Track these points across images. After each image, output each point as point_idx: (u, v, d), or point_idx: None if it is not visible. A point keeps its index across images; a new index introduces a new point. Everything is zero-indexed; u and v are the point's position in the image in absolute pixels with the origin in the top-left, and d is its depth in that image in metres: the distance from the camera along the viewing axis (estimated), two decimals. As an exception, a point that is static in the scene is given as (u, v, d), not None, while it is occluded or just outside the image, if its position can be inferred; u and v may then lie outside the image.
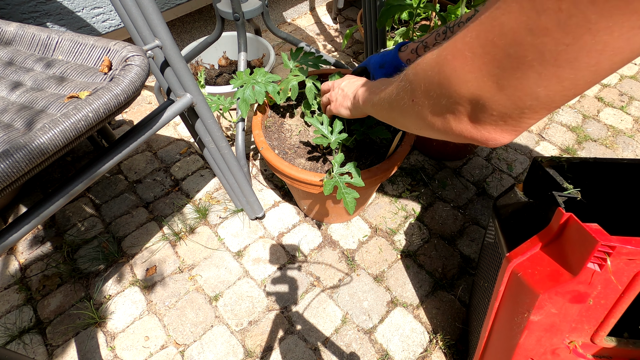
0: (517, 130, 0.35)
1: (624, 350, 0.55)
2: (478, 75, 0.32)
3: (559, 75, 0.28)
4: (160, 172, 1.30)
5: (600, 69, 0.27)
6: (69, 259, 1.08)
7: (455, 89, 0.35)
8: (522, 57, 0.29)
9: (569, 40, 0.25)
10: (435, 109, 0.40)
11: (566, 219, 0.48)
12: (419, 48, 0.81)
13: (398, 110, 0.49)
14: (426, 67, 0.39)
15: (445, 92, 0.37)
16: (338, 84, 0.79)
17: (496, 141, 0.36)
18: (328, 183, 0.79)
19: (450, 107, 0.37)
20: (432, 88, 0.39)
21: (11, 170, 0.50)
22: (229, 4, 1.21)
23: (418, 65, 0.42)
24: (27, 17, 1.15)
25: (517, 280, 0.53)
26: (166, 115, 0.76)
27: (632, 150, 1.33)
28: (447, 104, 0.37)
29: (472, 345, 0.81)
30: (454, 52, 0.35)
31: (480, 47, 0.32)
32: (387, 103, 0.53)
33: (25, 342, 0.93)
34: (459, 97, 0.35)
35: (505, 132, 0.35)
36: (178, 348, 0.92)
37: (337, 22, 1.99)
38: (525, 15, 0.27)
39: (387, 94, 0.52)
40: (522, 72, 0.29)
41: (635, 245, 0.42)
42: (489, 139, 0.36)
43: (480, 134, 0.36)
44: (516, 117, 0.33)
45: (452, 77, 0.35)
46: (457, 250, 1.08)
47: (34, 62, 0.71)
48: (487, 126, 0.35)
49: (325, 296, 1.00)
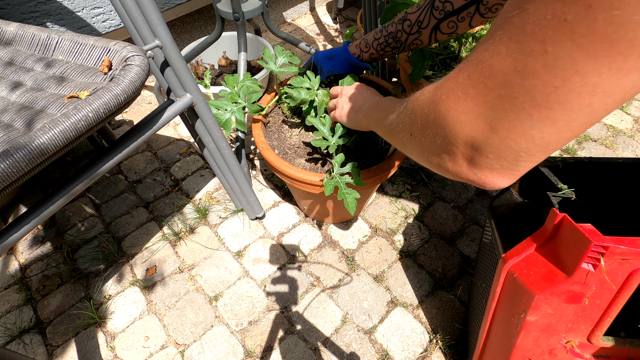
0: (514, 174, 0.34)
1: (620, 349, 0.55)
2: (471, 117, 0.32)
3: (552, 117, 0.27)
4: (160, 172, 1.30)
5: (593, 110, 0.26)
6: (69, 259, 1.08)
7: (449, 129, 0.35)
8: (513, 98, 0.28)
9: (558, 82, 0.25)
10: (431, 147, 0.39)
11: (560, 219, 0.48)
12: (361, 44, 0.88)
13: (398, 140, 0.48)
14: (423, 105, 0.39)
15: (440, 131, 0.36)
16: (347, 92, 0.78)
17: (494, 184, 0.35)
18: (329, 183, 0.79)
19: (446, 147, 0.36)
20: (428, 126, 0.38)
21: (11, 170, 0.50)
22: (229, 4, 1.22)
23: (416, 101, 0.41)
24: (27, 17, 1.16)
25: (513, 280, 0.53)
26: (166, 115, 0.76)
27: (632, 150, 1.33)
28: (442, 144, 0.37)
29: (471, 345, 0.81)
30: (447, 92, 0.34)
31: (472, 88, 0.31)
32: (388, 130, 0.52)
33: (25, 342, 0.94)
34: (454, 137, 0.35)
35: (502, 176, 0.34)
36: (178, 348, 0.92)
37: (337, 22, 1.99)
38: (512, 57, 0.27)
39: (390, 121, 0.52)
40: (515, 114, 0.29)
41: (629, 245, 0.42)
42: (486, 182, 0.35)
43: (476, 176, 0.35)
44: (512, 160, 0.32)
45: (446, 117, 0.35)
46: (457, 250, 1.08)
47: (34, 62, 0.71)
48: (483, 169, 0.34)
49: (325, 296, 1.00)
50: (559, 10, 0.23)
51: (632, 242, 0.43)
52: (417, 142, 0.42)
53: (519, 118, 0.29)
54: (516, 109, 0.28)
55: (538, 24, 0.25)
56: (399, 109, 0.48)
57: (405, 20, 0.77)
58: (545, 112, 0.27)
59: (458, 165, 0.36)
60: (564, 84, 0.25)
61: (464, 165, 0.35)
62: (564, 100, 0.26)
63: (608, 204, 0.67)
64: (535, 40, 0.25)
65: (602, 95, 0.25)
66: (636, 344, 0.55)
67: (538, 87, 0.26)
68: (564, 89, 0.25)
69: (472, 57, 0.31)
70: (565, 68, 0.25)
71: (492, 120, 0.30)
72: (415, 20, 0.75)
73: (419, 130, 0.40)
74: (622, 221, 0.66)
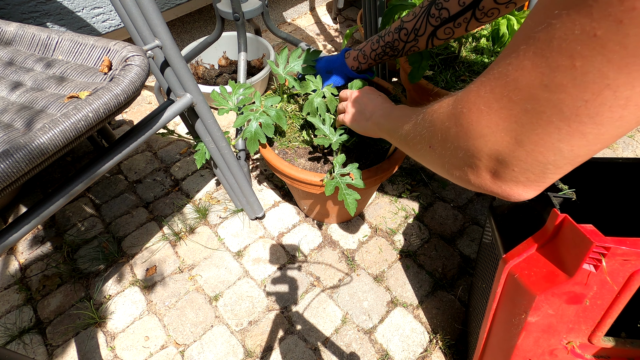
0: (540, 185, 0.33)
1: (621, 350, 0.55)
2: (495, 130, 0.32)
3: (582, 130, 0.27)
4: (160, 172, 1.30)
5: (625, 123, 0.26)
6: (69, 259, 1.08)
7: (472, 142, 0.34)
8: (540, 112, 0.28)
9: (588, 96, 0.25)
10: (452, 160, 0.38)
11: (561, 220, 0.48)
12: (359, 56, 0.87)
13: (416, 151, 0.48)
14: (443, 117, 0.39)
15: (462, 145, 0.36)
16: (356, 97, 0.77)
17: (519, 196, 0.35)
18: (329, 184, 0.79)
19: (468, 161, 0.36)
20: (449, 139, 0.38)
21: (11, 170, 0.50)
22: (229, 4, 1.22)
23: (435, 113, 0.41)
24: (27, 17, 1.15)
25: (514, 281, 0.53)
26: (166, 115, 0.76)
27: (632, 150, 1.33)
28: (464, 157, 0.36)
29: (471, 345, 0.81)
30: (469, 106, 0.34)
31: (496, 102, 0.31)
32: (404, 141, 0.52)
33: (25, 342, 0.94)
34: (477, 151, 0.34)
35: (527, 188, 0.34)
36: (178, 348, 0.92)
37: (337, 22, 1.99)
38: (538, 72, 0.27)
39: (405, 131, 0.51)
40: (542, 128, 0.28)
41: (630, 246, 0.42)
42: (511, 194, 0.35)
43: (501, 189, 0.35)
44: (539, 173, 0.31)
45: (468, 130, 0.34)
46: (457, 250, 1.08)
47: (34, 62, 0.71)
48: (508, 182, 0.34)
49: (325, 296, 1.00)
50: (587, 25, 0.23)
51: (634, 243, 0.43)
52: (437, 155, 0.41)
53: (547, 132, 0.28)
54: (543, 123, 0.28)
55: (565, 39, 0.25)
56: (415, 120, 0.47)
57: (402, 29, 0.77)
58: (575, 126, 0.27)
59: (481, 178, 0.36)
60: (595, 98, 0.25)
61: (487, 178, 0.35)
62: (594, 114, 0.26)
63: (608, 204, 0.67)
64: (562, 55, 0.25)
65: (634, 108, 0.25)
66: (637, 344, 0.54)
67: (566, 101, 0.26)
68: (594, 103, 0.25)
69: (494, 71, 0.31)
70: (595, 82, 0.24)
71: (517, 134, 0.30)
72: (411, 28, 0.75)
73: (439, 143, 0.40)
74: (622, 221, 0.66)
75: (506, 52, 0.30)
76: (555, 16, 0.25)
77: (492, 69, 0.32)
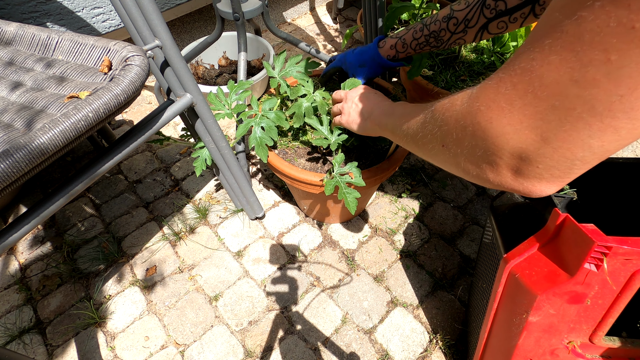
0: (564, 181, 0.32)
1: (622, 349, 0.55)
2: (518, 128, 0.31)
3: (614, 126, 0.26)
4: (160, 172, 1.30)
5: None
6: (69, 259, 1.08)
7: (492, 141, 0.33)
8: (569, 109, 0.27)
9: (623, 90, 0.24)
10: (469, 158, 0.37)
11: (562, 219, 0.48)
12: (397, 44, 0.82)
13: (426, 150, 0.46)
14: (457, 116, 0.37)
15: (480, 143, 0.35)
16: (352, 96, 0.76)
17: (541, 192, 0.34)
18: (329, 183, 0.79)
19: (487, 158, 0.35)
20: (466, 138, 0.36)
21: (11, 170, 0.50)
22: (229, 4, 1.21)
23: (447, 111, 0.39)
24: (27, 17, 1.15)
25: (515, 281, 0.53)
26: (166, 115, 0.76)
27: (632, 150, 1.33)
28: (483, 155, 0.35)
29: (471, 345, 0.81)
30: (487, 103, 0.33)
31: (519, 99, 0.30)
32: (412, 139, 0.50)
33: (25, 342, 0.93)
34: (497, 149, 0.33)
35: (551, 184, 0.33)
36: (178, 348, 0.92)
37: (337, 22, 1.99)
38: (568, 67, 0.26)
39: (412, 129, 0.50)
40: (571, 124, 0.28)
41: (632, 246, 0.42)
42: (533, 190, 0.34)
43: (522, 186, 0.34)
44: (565, 169, 0.31)
45: (487, 129, 0.33)
46: (457, 250, 1.08)
47: (34, 62, 0.71)
48: (531, 179, 0.33)
49: (325, 296, 1.00)
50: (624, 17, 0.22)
51: (635, 243, 0.43)
52: (451, 154, 0.40)
53: (576, 128, 0.28)
54: (572, 119, 0.27)
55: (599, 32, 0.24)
56: (424, 118, 0.46)
57: (452, 19, 0.72)
58: (608, 121, 0.26)
59: (501, 176, 0.35)
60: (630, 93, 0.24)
61: (508, 175, 0.34)
62: (630, 109, 0.25)
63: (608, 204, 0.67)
64: (595, 48, 0.24)
65: None
66: (638, 344, 0.54)
67: (599, 96, 0.25)
68: (630, 98, 0.24)
69: (515, 67, 0.30)
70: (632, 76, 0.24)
71: (544, 131, 0.29)
72: (462, 18, 0.70)
73: (454, 142, 0.39)
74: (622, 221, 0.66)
75: (527, 46, 0.29)
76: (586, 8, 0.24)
77: (513, 64, 0.31)
